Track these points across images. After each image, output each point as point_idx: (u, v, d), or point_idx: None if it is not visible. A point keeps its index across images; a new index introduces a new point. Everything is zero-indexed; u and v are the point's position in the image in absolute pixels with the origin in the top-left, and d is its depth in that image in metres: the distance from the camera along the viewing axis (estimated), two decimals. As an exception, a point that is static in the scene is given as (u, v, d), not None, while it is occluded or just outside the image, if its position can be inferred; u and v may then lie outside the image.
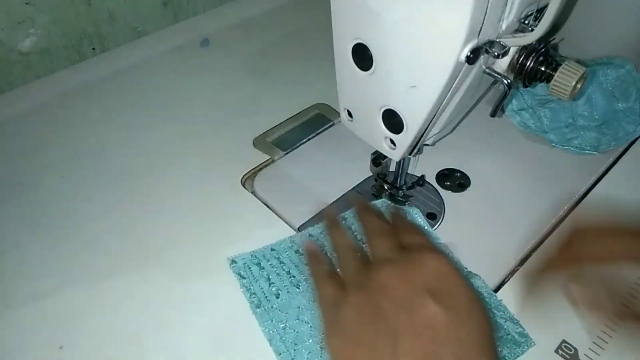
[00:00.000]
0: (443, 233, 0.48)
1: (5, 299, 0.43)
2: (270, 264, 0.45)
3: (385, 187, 0.50)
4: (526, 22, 0.35)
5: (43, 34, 0.64)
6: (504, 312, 0.42)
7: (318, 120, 0.61)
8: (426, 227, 0.48)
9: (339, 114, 0.45)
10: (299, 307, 0.42)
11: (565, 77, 0.36)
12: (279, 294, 0.42)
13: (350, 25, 0.37)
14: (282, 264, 0.45)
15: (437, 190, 0.52)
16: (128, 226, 0.49)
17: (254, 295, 0.43)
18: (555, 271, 0.44)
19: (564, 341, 0.40)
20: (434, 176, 0.54)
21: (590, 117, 0.57)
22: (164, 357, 0.40)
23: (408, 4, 0.33)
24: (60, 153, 0.56)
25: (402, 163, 0.48)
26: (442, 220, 0.50)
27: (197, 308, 0.43)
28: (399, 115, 0.39)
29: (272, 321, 0.41)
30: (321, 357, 0.39)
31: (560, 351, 0.40)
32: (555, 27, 0.33)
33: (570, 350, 0.40)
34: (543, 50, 0.36)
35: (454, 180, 0.53)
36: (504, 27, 0.34)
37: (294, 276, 0.44)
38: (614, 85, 0.58)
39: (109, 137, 0.58)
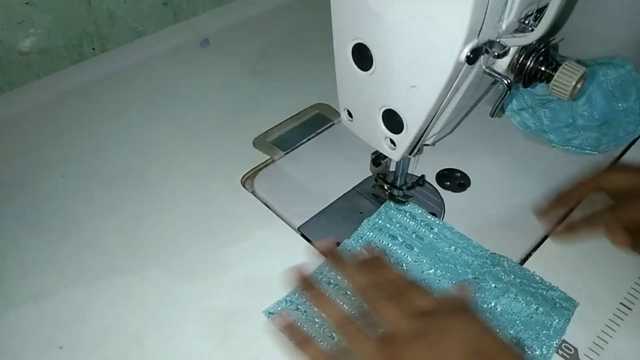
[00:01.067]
0: (443, 233, 0.48)
1: (5, 299, 0.43)
2: (308, 305, 0.42)
3: (386, 187, 0.50)
4: (526, 22, 0.35)
5: (43, 34, 0.64)
6: (542, 283, 0.44)
7: (318, 120, 0.61)
8: (434, 220, 0.48)
9: (339, 114, 0.45)
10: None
11: (565, 77, 0.36)
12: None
13: (350, 25, 0.37)
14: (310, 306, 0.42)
15: (437, 190, 0.52)
16: (128, 226, 0.49)
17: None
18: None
19: (563, 341, 0.40)
20: (434, 176, 0.54)
21: (590, 117, 0.57)
22: (164, 357, 0.40)
23: (408, 4, 0.33)
24: (60, 153, 0.56)
25: (402, 163, 0.48)
26: (442, 220, 0.50)
27: (197, 308, 0.43)
28: (399, 115, 0.39)
29: None
30: None
31: (560, 351, 0.40)
32: (555, 27, 0.33)
33: (570, 350, 0.40)
34: (543, 50, 0.36)
35: (454, 180, 0.53)
36: (504, 27, 0.34)
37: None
38: (614, 85, 0.58)
39: (109, 137, 0.58)
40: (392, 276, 0.38)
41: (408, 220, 0.48)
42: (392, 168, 0.50)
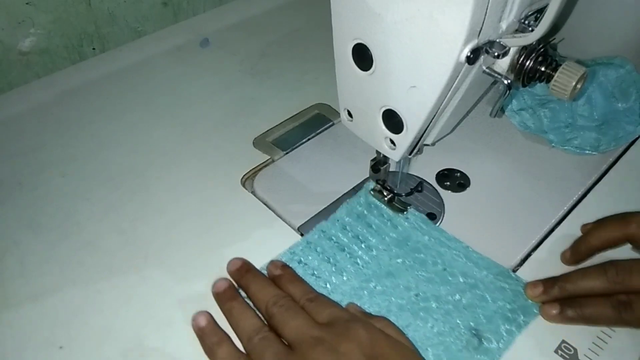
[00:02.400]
0: (443, 233, 0.48)
1: (5, 299, 0.43)
2: None
3: (385, 194, 0.50)
4: (526, 22, 0.35)
5: (43, 34, 0.64)
6: (517, 280, 0.44)
7: (318, 120, 0.61)
8: (431, 227, 0.48)
9: (339, 114, 0.45)
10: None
11: (565, 77, 0.36)
12: None
13: (350, 25, 0.37)
14: None
15: (437, 190, 0.52)
16: (128, 226, 0.49)
17: None
18: None
19: (563, 341, 0.40)
20: (434, 176, 0.54)
21: (590, 117, 0.57)
22: (164, 357, 0.40)
23: (408, 4, 0.33)
24: (60, 153, 0.56)
25: (400, 170, 0.48)
26: (442, 220, 0.50)
27: (197, 308, 0.43)
28: (399, 115, 0.39)
29: None
30: None
31: (560, 351, 0.40)
32: (555, 27, 0.33)
33: (570, 350, 0.40)
34: (543, 50, 0.36)
35: (454, 180, 0.53)
36: (504, 27, 0.34)
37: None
38: (614, 85, 0.58)
39: (109, 137, 0.58)
40: (299, 290, 0.41)
41: (387, 208, 0.49)
42: (393, 168, 0.50)
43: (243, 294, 0.42)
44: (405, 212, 0.49)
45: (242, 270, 0.43)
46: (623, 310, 0.39)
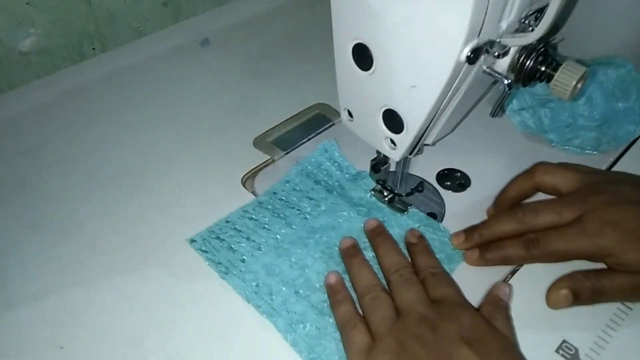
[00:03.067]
0: (443, 233, 0.48)
1: (5, 299, 0.43)
2: (228, 235, 0.47)
3: (385, 194, 0.50)
4: (526, 22, 0.35)
5: (43, 34, 0.64)
6: (445, 233, 0.47)
7: (318, 120, 0.60)
8: (359, 172, 0.52)
9: (339, 114, 0.45)
10: (265, 265, 0.45)
11: (566, 77, 0.36)
12: (243, 259, 0.45)
13: (350, 25, 0.37)
14: (239, 232, 0.47)
15: (437, 190, 0.52)
16: (128, 226, 0.49)
17: (220, 265, 0.45)
18: None
19: (564, 341, 0.40)
20: (434, 176, 0.53)
21: (590, 117, 0.57)
22: (164, 357, 0.40)
23: (408, 4, 0.33)
24: (60, 153, 0.56)
25: (401, 169, 0.48)
26: (443, 220, 0.50)
27: (197, 308, 0.43)
28: (399, 115, 0.39)
29: (244, 282, 0.43)
30: (297, 301, 0.42)
31: (560, 351, 0.40)
32: (555, 27, 0.33)
33: (571, 350, 0.40)
34: (543, 50, 0.36)
35: (454, 180, 0.53)
36: (504, 27, 0.34)
37: (254, 240, 0.47)
38: (614, 85, 0.58)
39: (109, 137, 0.58)
40: (423, 261, 0.43)
41: (335, 170, 0.52)
42: (393, 168, 0.50)
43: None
44: (405, 212, 0.49)
45: (376, 231, 0.46)
46: (532, 247, 0.42)
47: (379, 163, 0.48)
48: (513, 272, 0.45)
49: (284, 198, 0.50)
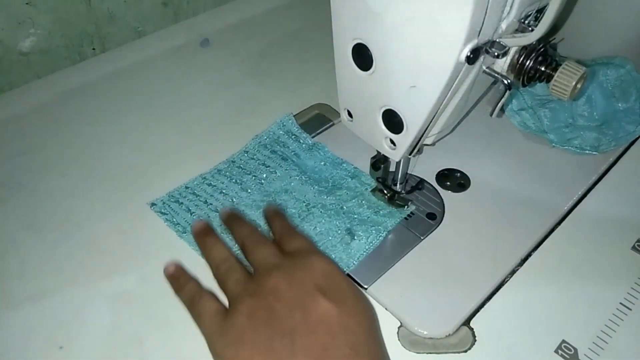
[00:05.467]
0: (443, 233, 0.48)
1: (5, 299, 0.43)
2: (187, 199, 0.50)
3: (385, 191, 0.50)
4: (526, 22, 0.35)
5: (43, 34, 0.64)
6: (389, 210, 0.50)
7: (318, 120, 0.60)
8: (314, 143, 0.56)
9: (339, 114, 0.45)
10: (220, 226, 0.46)
11: (565, 77, 0.36)
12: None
13: (350, 25, 0.37)
14: (197, 197, 0.50)
15: (437, 190, 0.52)
16: (128, 226, 0.49)
17: (178, 225, 0.48)
18: None
19: (563, 341, 0.40)
20: (434, 176, 0.54)
21: (590, 117, 0.57)
22: (164, 357, 0.40)
23: (408, 4, 0.33)
24: (60, 153, 0.56)
25: (400, 166, 0.48)
26: (442, 220, 0.50)
27: (197, 308, 0.43)
28: (399, 115, 0.39)
29: None
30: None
31: (560, 351, 0.40)
32: (555, 27, 0.33)
33: (570, 350, 0.40)
34: (543, 50, 0.36)
35: (454, 180, 0.53)
36: (504, 27, 0.34)
37: (211, 204, 0.50)
38: (614, 85, 0.58)
39: (109, 137, 0.58)
40: (277, 225, 0.43)
41: (292, 141, 0.56)
42: (392, 168, 0.50)
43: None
44: (406, 207, 0.49)
45: (232, 216, 0.45)
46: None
47: (379, 160, 0.48)
48: (513, 272, 0.45)
49: (241, 166, 0.53)
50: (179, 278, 0.40)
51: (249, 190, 0.51)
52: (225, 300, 0.37)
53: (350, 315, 0.34)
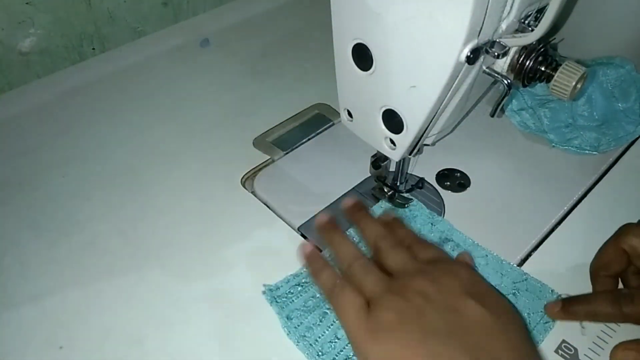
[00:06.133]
0: (443, 233, 0.48)
1: (5, 299, 0.43)
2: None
3: (385, 190, 0.50)
4: (526, 22, 0.35)
5: (43, 34, 0.64)
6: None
7: (318, 120, 0.60)
8: (435, 218, 0.49)
9: (339, 114, 0.45)
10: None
11: (565, 77, 0.36)
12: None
13: (350, 25, 0.37)
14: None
15: (437, 190, 0.52)
16: (128, 226, 0.49)
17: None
18: None
19: (563, 341, 0.40)
20: (434, 176, 0.54)
21: (590, 117, 0.57)
22: (164, 357, 0.40)
23: (408, 4, 0.33)
24: (60, 153, 0.56)
25: (401, 165, 0.48)
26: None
27: (197, 308, 0.43)
28: (399, 115, 0.39)
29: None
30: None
31: (560, 351, 0.40)
32: (555, 27, 0.33)
33: (570, 350, 0.40)
34: (543, 50, 0.36)
35: (454, 180, 0.53)
36: (504, 27, 0.34)
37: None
38: (614, 85, 0.58)
39: (109, 137, 0.58)
40: (403, 232, 0.42)
41: (409, 222, 0.49)
42: (392, 168, 0.50)
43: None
44: (407, 206, 0.49)
45: (356, 207, 0.44)
46: (624, 304, 0.39)
47: (379, 159, 0.48)
48: (513, 272, 0.45)
49: None
50: (316, 261, 0.40)
51: None
52: None
53: (505, 320, 0.34)
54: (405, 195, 0.50)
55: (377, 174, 0.50)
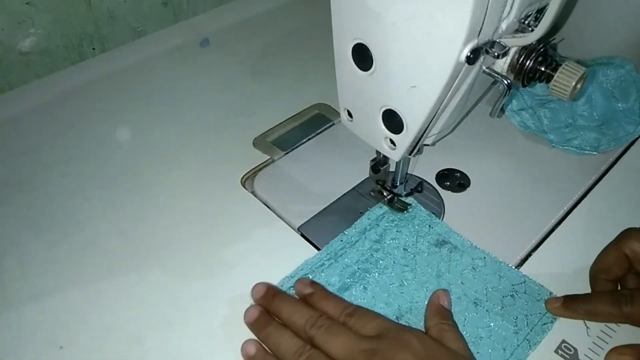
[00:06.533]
0: (443, 233, 0.48)
1: (5, 299, 0.43)
2: None
3: (385, 194, 0.50)
4: (526, 22, 0.35)
5: (43, 34, 0.64)
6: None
7: (318, 120, 0.60)
8: (433, 220, 0.48)
9: (339, 114, 0.45)
10: None
11: (565, 77, 0.36)
12: None
13: (350, 25, 0.37)
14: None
15: (437, 190, 0.52)
16: (128, 226, 0.49)
17: None
18: None
19: (563, 341, 0.40)
20: (434, 176, 0.54)
21: (590, 117, 0.57)
22: (164, 357, 0.40)
23: (408, 4, 0.33)
24: (60, 153, 0.56)
25: (400, 166, 0.48)
26: (442, 220, 0.50)
27: (197, 308, 0.43)
28: (399, 116, 0.39)
29: None
30: None
31: (560, 351, 0.40)
32: (555, 27, 0.33)
33: (570, 350, 0.40)
34: (543, 50, 0.36)
35: (454, 180, 0.53)
36: (504, 27, 0.34)
37: None
38: (614, 85, 0.58)
39: (109, 137, 0.58)
40: (332, 305, 0.39)
41: (407, 223, 0.49)
42: (392, 168, 0.50)
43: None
44: (406, 211, 0.49)
45: (269, 295, 0.41)
46: (624, 304, 0.39)
47: (379, 163, 0.48)
48: (513, 272, 0.45)
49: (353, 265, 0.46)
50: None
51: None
52: None
53: None
54: (404, 199, 0.50)
55: (376, 178, 0.50)
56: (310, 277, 0.44)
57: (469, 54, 0.32)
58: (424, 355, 0.34)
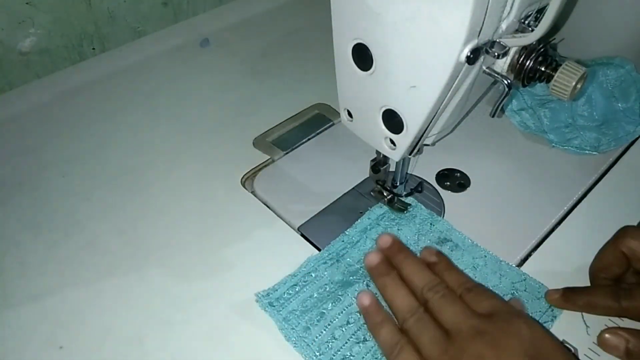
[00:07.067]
0: (443, 233, 0.48)
1: (5, 299, 0.43)
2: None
3: (385, 194, 0.50)
4: (526, 22, 0.35)
5: (43, 34, 0.64)
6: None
7: (318, 120, 0.61)
8: (434, 218, 0.49)
9: (339, 114, 0.45)
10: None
11: (565, 77, 0.36)
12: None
13: (350, 25, 0.37)
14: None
15: (437, 190, 0.52)
16: (128, 226, 0.49)
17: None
18: None
19: (564, 341, 0.40)
20: (434, 176, 0.54)
21: (590, 117, 0.57)
22: (164, 357, 0.40)
23: (408, 4, 0.33)
24: (60, 153, 0.56)
25: (400, 168, 0.48)
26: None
27: (197, 308, 0.43)
28: (399, 116, 0.39)
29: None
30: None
31: (560, 351, 0.40)
32: (555, 27, 0.33)
33: (570, 350, 0.40)
34: (543, 50, 0.36)
35: (454, 180, 0.53)
36: (504, 27, 0.34)
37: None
38: (614, 85, 0.58)
39: (109, 137, 0.58)
40: (454, 277, 0.40)
41: (408, 222, 0.49)
42: (392, 168, 0.50)
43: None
44: (406, 212, 0.49)
45: (394, 248, 0.42)
46: (623, 298, 0.39)
47: (379, 163, 0.48)
48: (513, 272, 0.45)
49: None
50: (375, 315, 0.39)
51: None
52: None
53: None
54: (404, 199, 0.50)
55: (376, 178, 0.50)
56: (313, 275, 0.44)
57: (469, 54, 0.32)
58: (531, 344, 0.34)
